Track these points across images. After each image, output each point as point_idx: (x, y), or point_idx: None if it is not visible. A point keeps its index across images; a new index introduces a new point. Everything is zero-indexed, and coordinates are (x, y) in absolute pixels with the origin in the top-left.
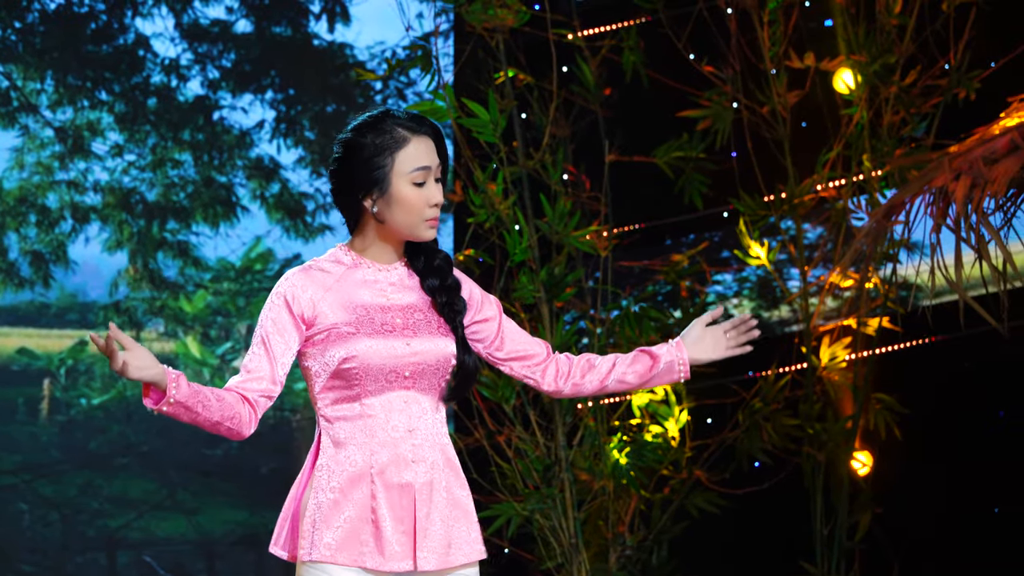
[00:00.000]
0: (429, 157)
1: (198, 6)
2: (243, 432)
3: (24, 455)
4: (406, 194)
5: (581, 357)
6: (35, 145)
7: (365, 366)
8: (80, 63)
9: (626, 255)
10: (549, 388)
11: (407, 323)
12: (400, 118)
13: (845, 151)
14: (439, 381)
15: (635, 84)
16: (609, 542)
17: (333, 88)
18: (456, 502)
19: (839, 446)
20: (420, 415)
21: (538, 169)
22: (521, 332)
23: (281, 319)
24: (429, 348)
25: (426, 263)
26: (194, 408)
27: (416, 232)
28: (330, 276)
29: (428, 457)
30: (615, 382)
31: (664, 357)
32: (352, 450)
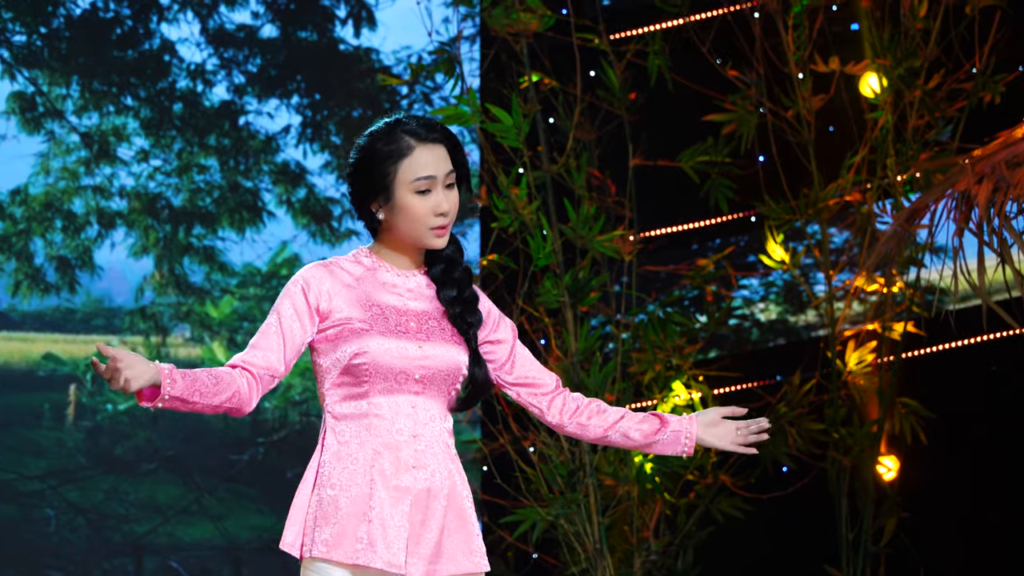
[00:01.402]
0: (435, 166)
1: (224, 11)
2: (243, 409)
3: (50, 461)
4: (408, 203)
5: (592, 401)
6: (61, 150)
7: (375, 363)
8: (106, 68)
9: (652, 260)
10: (552, 420)
11: (421, 328)
12: (410, 126)
13: (870, 155)
14: (449, 389)
15: (660, 88)
16: (634, 547)
17: (359, 93)
18: (457, 512)
19: (864, 451)
20: (427, 422)
21: (562, 174)
22: (533, 360)
23: (298, 304)
24: (440, 354)
25: (445, 274)
26: (190, 399)
27: (422, 240)
28: (349, 274)
29: (430, 464)
30: (619, 435)
31: (673, 425)
32: (355, 448)
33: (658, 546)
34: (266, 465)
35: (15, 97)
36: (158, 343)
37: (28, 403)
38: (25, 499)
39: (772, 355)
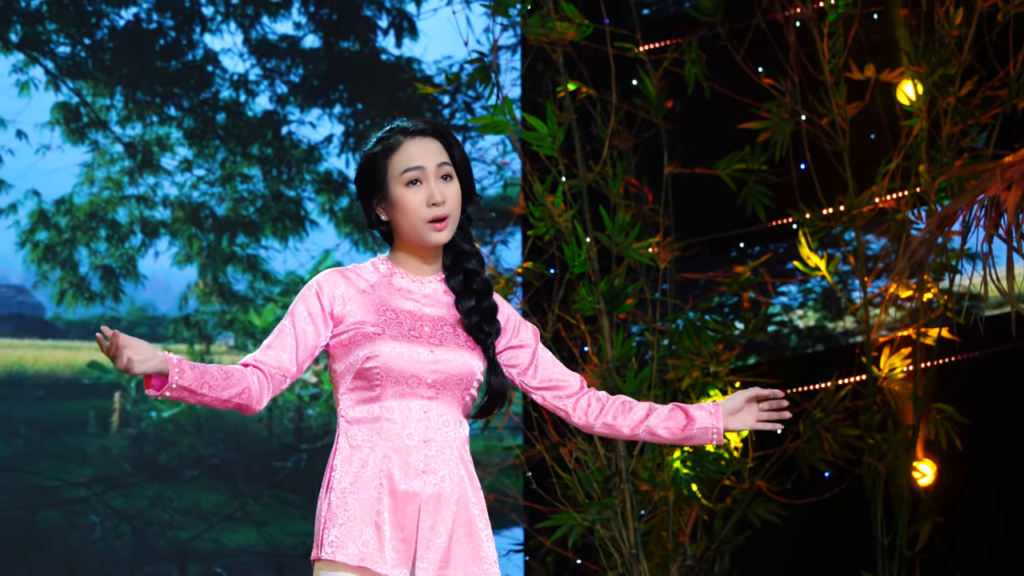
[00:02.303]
0: (423, 157)
1: (266, 22)
2: (253, 406)
3: (95, 468)
4: (401, 195)
5: (616, 398)
6: (105, 160)
7: (387, 367)
8: (149, 79)
9: (690, 267)
10: (579, 421)
11: (435, 332)
12: (401, 124)
13: (904, 162)
14: (463, 394)
15: (697, 96)
16: (670, 552)
17: (401, 102)
18: (467, 519)
19: (899, 456)
20: (439, 427)
21: (599, 182)
22: (556, 363)
23: (312, 307)
24: (452, 359)
25: (464, 285)
26: (199, 391)
27: (421, 236)
28: (365, 280)
29: (440, 469)
30: (646, 432)
31: (700, 423)
32: (366, 452)
33: (694, 551)
34: (309, 472)
35: (60, 108)
36: (202, 351)
37: (73, 411)
38: (71, 506)
39: (810, 361)
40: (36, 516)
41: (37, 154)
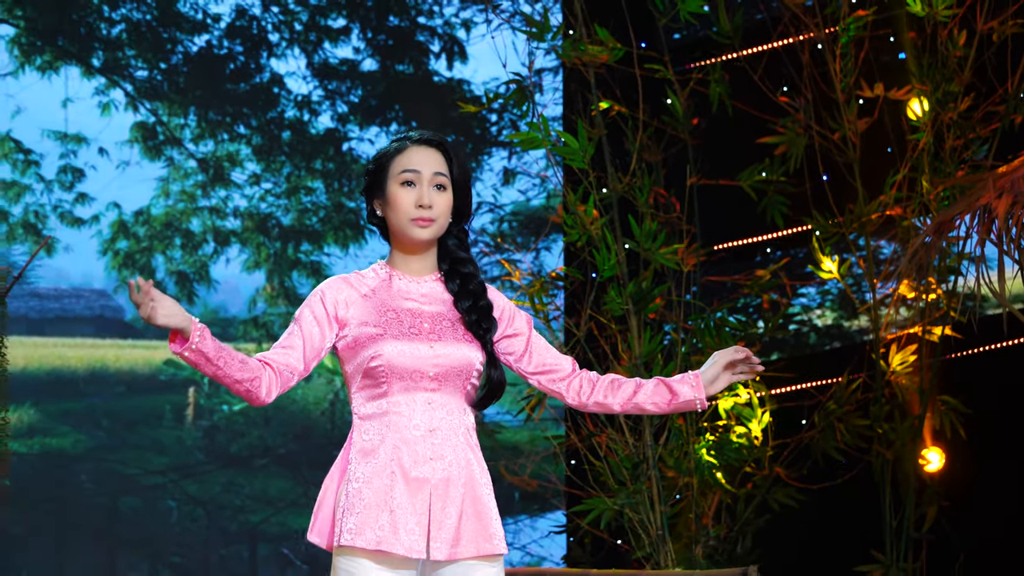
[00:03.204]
0: (422, 163)
1: (328, 47)
2: (261, 396)
3: (172, 457)
4: (394, 193)
5: (606, 377)
6: (180, 175)
7: (390, 365)
8: (220, 100)
9: (716, 271)
10: (573, 402)
11: (434, 328)
12: (412, 133)
13: (911, 173)
14: (464, 384)
15: (721, 114)
16: (694, 534)
17: (452, 120)
18: (475, 499)
19: (906, 445)
20: (443, 417)
21: (628, 193)
22: (549, 348)
23: (316, 311)
24: (452, 352)
25: (461, 287)
26: (215, 361)
27: (406, 231)
28: (367, 285)
29: (447, 455)
30: (635, 407)
31: (683, 396)
32: (377, 444)
33: (717, 532)
34: None
35: (138, 127)
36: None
37: (151, 405)
38: (149, 492)
39: (827, 357)
40: (118, 502)
41: (117, 169)
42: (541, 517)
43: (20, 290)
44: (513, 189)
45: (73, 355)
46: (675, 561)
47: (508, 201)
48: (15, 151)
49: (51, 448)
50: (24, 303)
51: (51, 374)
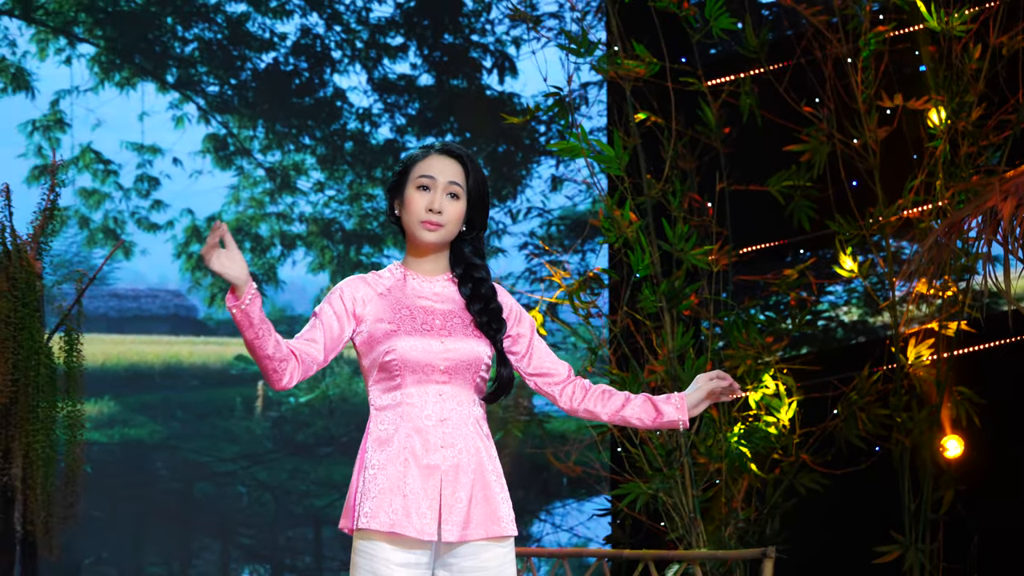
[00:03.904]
0: (439, 171)
1: (387, 63)
2: (283, 378)
3: (242, 446)
4: (410, 195)
5: (598, 387)
6: (249, 183)
7: (403, 359)
8: (286, 113)
9: (749, 270)
10: (564, 406)
11: (445, 325)
12: (437, 142)
13: (928, 178)
14: (473, 377)
15: (750, 124)
16: (725, 516)
17: (503, 131)
18: (484, 485)
19: (923, 432)
20: (454, 407)
21: (662, 198)
22: (549, 353)
23: (336, 306)
24: (461, 347)
25: (472, 290)
26: (256, 327)
27: (415, 232)
28: (383, 284)
29: (457, 443)
30: (620, 420)
31: (667, 416)
32: (391, 433)
33: (746, 515)
34: None
35: (210, 139)
36: None
37: (223, 397)
38: (221, 478)
39: (852, 351)
40: (192, 487)
41: (191, 178)
42: (587, 501)
43: (101, 291)
44: (561, 195)
45: (150, 351)
46: (706, 542)
47: (556, 206)
48: (95, 161)
49: (130, 438)
50: (104, 303)
51: (129, 369)
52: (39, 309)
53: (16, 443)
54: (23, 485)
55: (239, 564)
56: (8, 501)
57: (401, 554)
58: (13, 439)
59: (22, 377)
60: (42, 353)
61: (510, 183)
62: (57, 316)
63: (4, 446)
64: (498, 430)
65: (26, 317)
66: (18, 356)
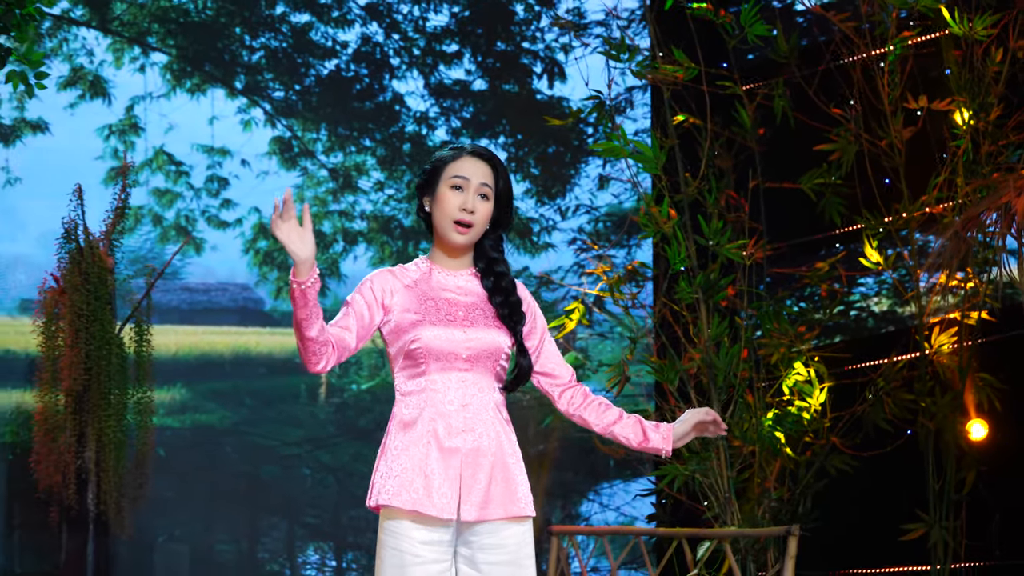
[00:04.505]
0: (472, 172)
1: (443, 69)
2: (320, 361)
3: (306, 430)
4: (442, 193)
5: (596, 398)
6: (313, 183)
7: (427, 347)
8: (348, 117)
9: (785, 263)
10: (562, 408)
11: (467, 316)
12: (469, 144)
13: (951, 176)
14: (493, 365)
15: (784, 124)
16: (758, 496)
17: (553, 132)
18: (503, 467)
19: (947, 417)
20: (475, 393)
21: (699, 195)
22: (557, 354)
23: (366, 296)
24: (482, 337)
25: (495, 284)
26: (310, 308)
27: (446, 232)
28: (410, 277)
29: (478, 428)
30: (610, 434)
31: (653, 443)
32: (415, 417)
33: (778, 495)
34: None
35: (275, 141)
36: None
37: (288, 385)
38: (286, 461)
39: (880, 340)
40: (259, 470)
41: (258, 178)
42: (632, 482)
43: (173, 285)
44: (607, 193)
45: (219, 341)
46: (740, 520)
47: (603, 204)
48: (168, 163)
49: (200, 423)
50: (177, 296)
51: (200, 358)
52: (110, 302)
53: (89, 428)
54: (96, 467)
55: (304, 542)
56: (82, 482)
57: (424, 532)
58: (86, 424)
59: (95, 366)
60: (114, 343)
61: (559, 182)
62: (130, 309)
63: (78, 431)
64: (549, 415)
65: (98, 309)
66: (90, 346)
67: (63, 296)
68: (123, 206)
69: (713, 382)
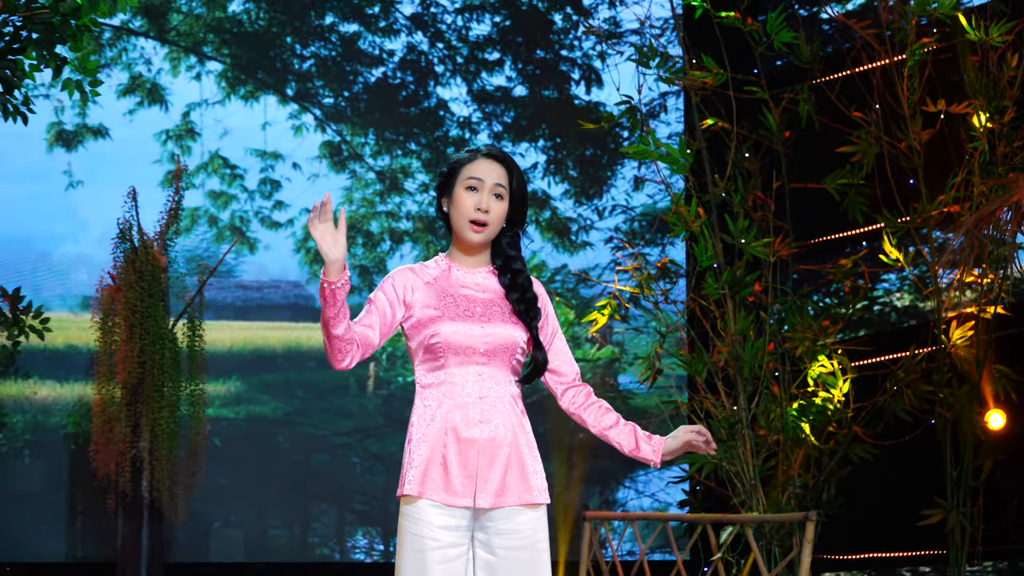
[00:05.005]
0: (486, 173)
1: (485, 76)
2: (345, 359)
3: (355, 421)
4: (458, 194)
5: (597, 401)
6: (361, 185)
7: (447, 342)
8: (395, 122)
9: (813, 260)
10: (563, 405)
11: (485, 312)
12: (484, 147)
13: (967, 176)
14: (510, 359)
15: (808, 128)
16: (783, 483)
17: (590, 136)
18: (518, 457)
19: (964, 407)
20: (492, 386)
21: (726, 195)
22: (564, 353)
23: (388, 293)
24: (499, 332)
25: (511, 280)
26: (338, 307)
27: (462, 231)
28: (429, 274)
29: (494, 419)
30: (604, 437)
31: (643, 453)
32: (435, 409)
33: (802, 481)
34: None
35: (325, 145)
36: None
37: (338, 377)
38: (337, 450)
39: (900, 333)
40: (310, 458)
41: (308, 181)
42: (667, 469)
43: (228, 282)
44: (642, 194)
45: (272, 336)
46: (765, 506)
47: (638, 204)
48: (223, 167)
49: (254, 414)
50: (231, 293)
51: (254, 352)
52: (164, 299)
53: (143, 419)
54: (149, 456)
55: (353, 528)
56: (136, 471)
57: (443, 517)
58: (141, 415)
59: (148, 360)
60: (167, 338)
61: (596, 183)
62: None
63: (133, 422)
64: None
65: (151, 306)
66: (144, 341)
67: (118, 293)
68: (176, 208)
69: (739, 374)
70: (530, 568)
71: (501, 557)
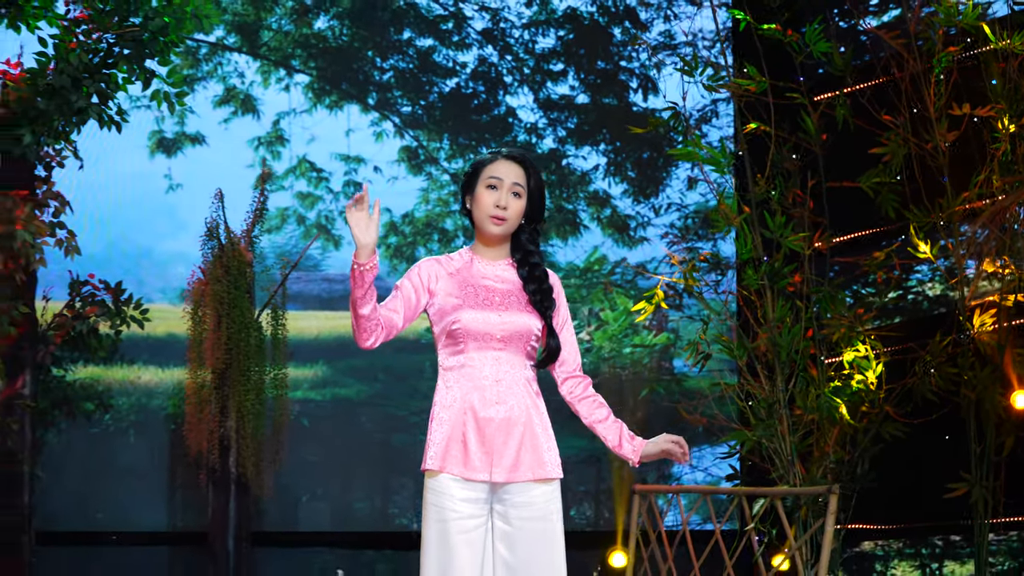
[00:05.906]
0: (505, 173)
1: (550, 85)
2: (369, 338)
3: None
4: (480, 192)
5: (592, 395)
6: (436, 186)
7: (466, 328)
8: (467, 128)
9: (851, 253)
10: (562, 393)
11: (503, 301)
12: (503, 149)
13: (991, 175)
14: (524, 345)
15: (844, 130)
16: (819, 459)
17: (647, 140)
18: (532, 435)
19: (986, 388)
20: (508, 369)
21: (766, 194)
22: (570, 343)
23: (414, 281)
24: (515, 319)
25: (529, 273)
26: (366, 288)
27: (484, 225)
28: (453, 265)
29: (509, 400)
30: (592, 429)
31: (624, 451)
32: (455, 390)
33: (837, 457)
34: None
35: (404, 150)
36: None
37: (415, 360)
38: (414, 428)
39: (929, 320)
40: (390, 437)
41: (388, 183)
42: (718, 447)
43: (315, 276)
44: (696, 193)
45: None
46: (802, 480)
47: (691, 202)
48: (310, 170)
49: (340, 396)
50: (317, 285)
51: (338, 339)
52: (249, 290)
53: (231, 401)
54: (236, 435)
55: None
56: (224, 448)
57: (463, 491)
58: (228, 398)
59: (235, 347)
60: (252, 327)
61: (653, 183)
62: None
63: (221, 404)
64: (644, 387)
65: (237, 298)
66: (231, 330)
67: (207, 286)
68: (261, 207)
69: (777, 358)
70: (545, 538)
71: (517, 528)
